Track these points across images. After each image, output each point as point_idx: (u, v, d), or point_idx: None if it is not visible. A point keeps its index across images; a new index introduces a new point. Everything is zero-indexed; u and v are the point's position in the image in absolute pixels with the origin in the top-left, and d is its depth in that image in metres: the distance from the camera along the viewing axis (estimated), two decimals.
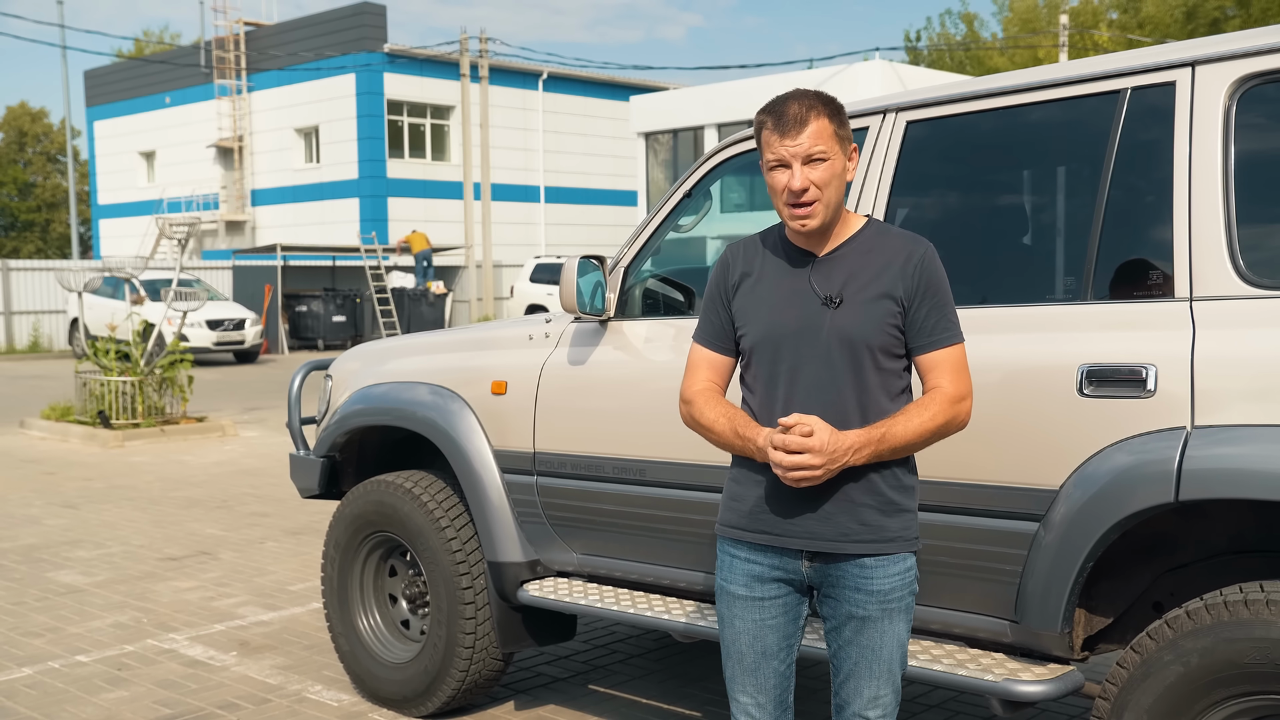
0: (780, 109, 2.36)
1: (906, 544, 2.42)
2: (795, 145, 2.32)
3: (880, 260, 2.40)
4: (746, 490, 2.46)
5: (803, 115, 2.33)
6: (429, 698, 4.11)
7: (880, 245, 2.43)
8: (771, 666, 2.49)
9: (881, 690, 2.45)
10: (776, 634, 2.48)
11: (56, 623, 5.47)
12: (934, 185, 3.34)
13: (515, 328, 4.09)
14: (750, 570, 2.46)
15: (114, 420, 11.74)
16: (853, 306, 2.37)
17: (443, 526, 4.00)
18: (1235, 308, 2.57)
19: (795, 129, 2.32)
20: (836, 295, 2.38)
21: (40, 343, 26.09)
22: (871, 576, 2.39)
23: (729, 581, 2.50)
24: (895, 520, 2.40)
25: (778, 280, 2.45)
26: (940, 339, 2.40)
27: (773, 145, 2.36)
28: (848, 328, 2.36)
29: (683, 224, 3.75)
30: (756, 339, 2.45)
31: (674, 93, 27.30)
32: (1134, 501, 2.58)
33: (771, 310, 2.43)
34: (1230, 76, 2.66)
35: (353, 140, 33.36)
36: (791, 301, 2.41)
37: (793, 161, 2.33)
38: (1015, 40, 38.28)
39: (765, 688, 2.50)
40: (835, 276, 2.40)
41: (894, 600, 2.41)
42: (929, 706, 4.25)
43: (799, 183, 2.32)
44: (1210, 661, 2.46)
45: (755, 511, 2.44)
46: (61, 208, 58.33)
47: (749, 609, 2.47)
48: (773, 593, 2.46)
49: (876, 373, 2.38)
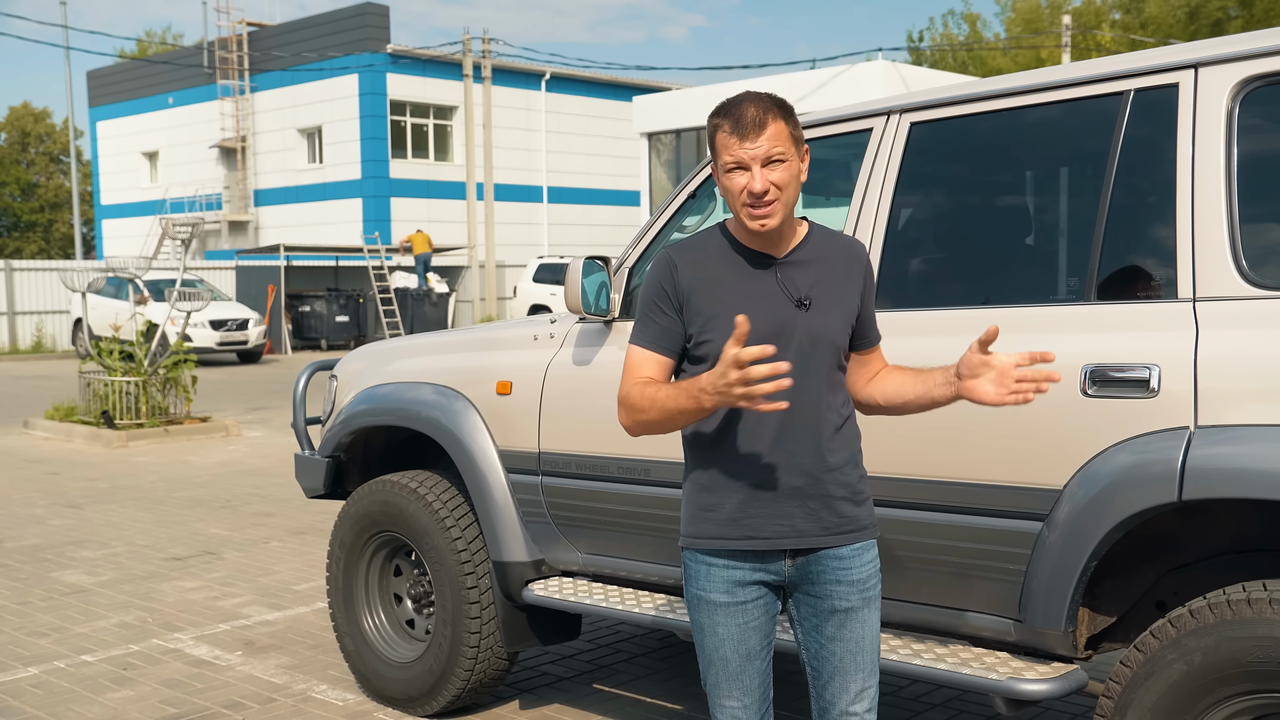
0: (737, 112, 2.33)
1: (873, 531, 2.49)
2: (755, 148, 2.31)
3: (838, 262, 2.46)
4: (721, 498, 2.42)
5: (761, 118, 2.31)
6: (434, 697, 4.12)
7: (830, 247, 2.47)
8: (755, 667, 2.49)
9: (868, 681, 2.47)
10: (759, 634, 2.48)
11: (62, 622, 5.48)
12: (938, 186, 3.35)
13: (520, 328, 4.10)
14: (732, 576, 2.43)
15: (118, 420, 11.76)
16: (822, 308, 2.40)
17: (448, 526, 4.01)
18: (1238, 308, 2.58)
19: (754, 132, 2.31)
20: (806, 297, 2.39)
21: (44, 343, 26.11)
22: (850, 566, 2.43)
23: (709, 591, 2.45)
24: (863, 509, 2.46)
25: (741, 283, 2.41)
26: (875, 333, 2.56)
27: (730, 148, 2.33)
28: (818, 328, 2.39)
29: (687, 224, 3.76)
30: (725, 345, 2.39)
31: (677, 93, 27.26)
32: (1137, 501, 2.59)
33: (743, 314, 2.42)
34: (1233, 78, 2.67)
35: (356, 140, 33.39)
36: (761, 304, 2.38)
37: (752, 164, 2.31)
38: (1018, 40, 38.27)
39: (750, 689, 2.50)
40: (801, 278, 2.41)
41: (870, 588, 2.46)
42: (932, 705, 4.26)
43: (759, 185, 2.31)
44: (1213, 660, 2.47)
45: (736, 518, 2.40)
46: (64, 208, 58.36)
47: (732, 615, 2.44)
48: (754, 595, 2.45)
49: (836, 371, 2.45)
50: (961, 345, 2.56)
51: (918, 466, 2.97)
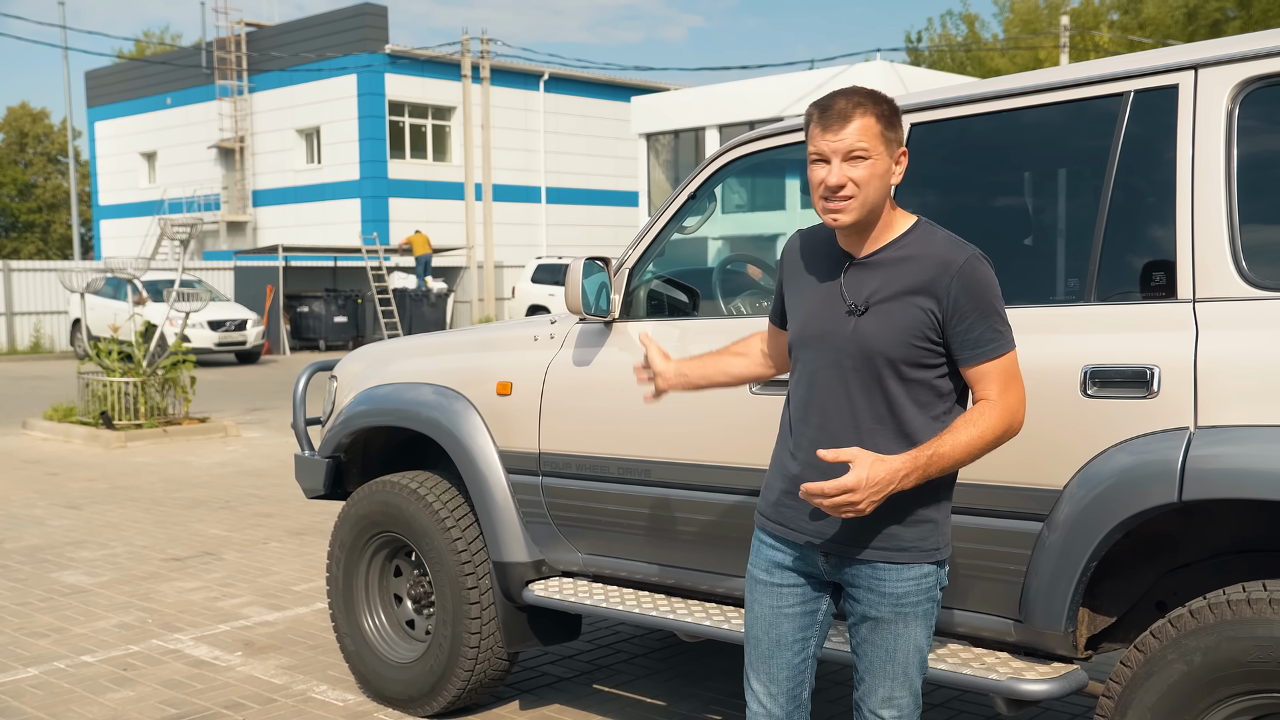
0: (828, 103, 2.33)
1: (923, 554, 2.38)
2: (836, 141, 2.29)
3: (916, 268, 2.32)
4: (774, 480, 2.52)
5: (847, 111, 2.29)
6: (434, 697, 4.12)
7: (921, 252, 2.34)
8: (784, 657, 2.50)
9: (896, 693, 2.45)
10: (791, 623, 2.49)
11: (61, 623, 5.48)
12: (938, 187, 3.35)
13: (520, 329, 4.10)
14: (772, 557, 2.51)
15: (116, 421, 11.75)
16: (876, 316, 2.34)
17: (448, 527, 4.02)
18: (1238, 309, 2.58)
19: (838, 124, 2.29)
20: (862, 303, 2.35)
21: (42, 344, 26.10)
22: (884, 579, 2.40)
23: (754, 566, 2.55)
24: (912, 530, 2.37)
25: (817, 280, 2.46)
26: (985, 350, 2.31)
27: (814, 139, 2.33)
28: (867, 337, 2.33)
29: (687, 225, 3.77)
30: (792, 337, 2.50)
31: (675, 93, 27.31)
32: (1137, 501, 2.60)
33: (804, 311, 2.46)
34: (1233, 79, 2.67)
35: (354, 141, 33.38)
36: (823, 305, 2.41)
37: (832, 157, 2.30)
38: (1016, 41, 38.29)
39: (777, 678, 2.52)
40: (866, 283, 2.37)
41: (908, 605, 2.39)
42: (932, 705, 4.26)
43: (835, 179, 2.29)
44: (1213, 660, 2.47)
45: (778, 503, 2.49)
46: (62, 208, 58.32)
47: (767, 594, 2.52)
48: (790, 580, 2.50)
49: (900, 384, 2.34)
50: None
51: None
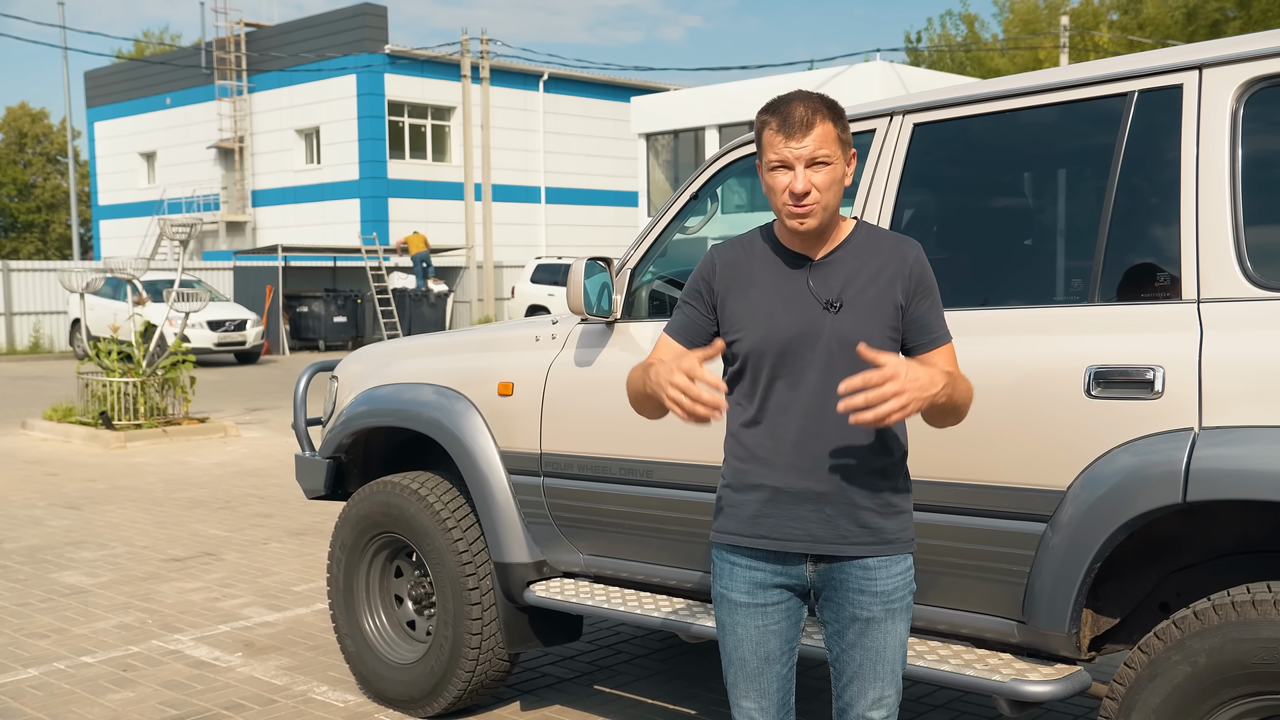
0: (785, 110, 2.32)
1: (905, 545, 2.42)
2: (800, 148, 2.29)
3: (876, 262, 2.38)
4: (745, 495, 2.43)
5: (809, 118, 2.29)
6: (435, 698, 4.12)
7: (873, 247, 2.41)
8: (774, 671, 2.49)
9: (886, 691, 2.45)
10: (779, 639, 2.47)
11: (61, 624, 5.48)
12: (941, 187, 3.35)
13: (521, 329, 4.10)
14: (753, 577, 2.44)
15: (116, 421, 11.74)
16: (853, 310, 2.36)
17: (449, 527, 4.01)
18: (1242, 309, 2.58)
19: (801, 131, 2.29)
20: (836, 299, 2.36)
21: (41, 344, 26.09)
22: (875, 578, 2.39)
23: (730, 589, 2.47)
24: (893, 522, 2.40)
25: (774, 285, 2.41)
26: (939, 336, 2.42)
27: (775, 146, 2.32)
28: (848, 331, 2.34)
29: (689, 226, 3.76)
30: (752, 344, 2.40)
31: (675, 94, 27.27)
32: (1141, 502, 2.59)
33: (770, 315, 2.39)
34: (1237, 79, 2.67)
35: (353, 141, 33.38)
36: (790, 306, 2.38)
37: (796, 164, 2.30)
38: (1016, 41, 38.29)
39: (768, 692, 2.49)
40: (833, 280, 2.38)
41: (896, 600, 2.41)
42: (934, 706, 4.26)
43: (801, 185, 2.29)
44: (1217, 661, 2.47)
45: (756, 517, 2.42)
46: (61, 209, 58.31)
47: (751, 616, 2.45)
48: (775, 599, 2.45)
49: None
50: (965, 346, 2.57)
51: (920, 468, 2.95)
